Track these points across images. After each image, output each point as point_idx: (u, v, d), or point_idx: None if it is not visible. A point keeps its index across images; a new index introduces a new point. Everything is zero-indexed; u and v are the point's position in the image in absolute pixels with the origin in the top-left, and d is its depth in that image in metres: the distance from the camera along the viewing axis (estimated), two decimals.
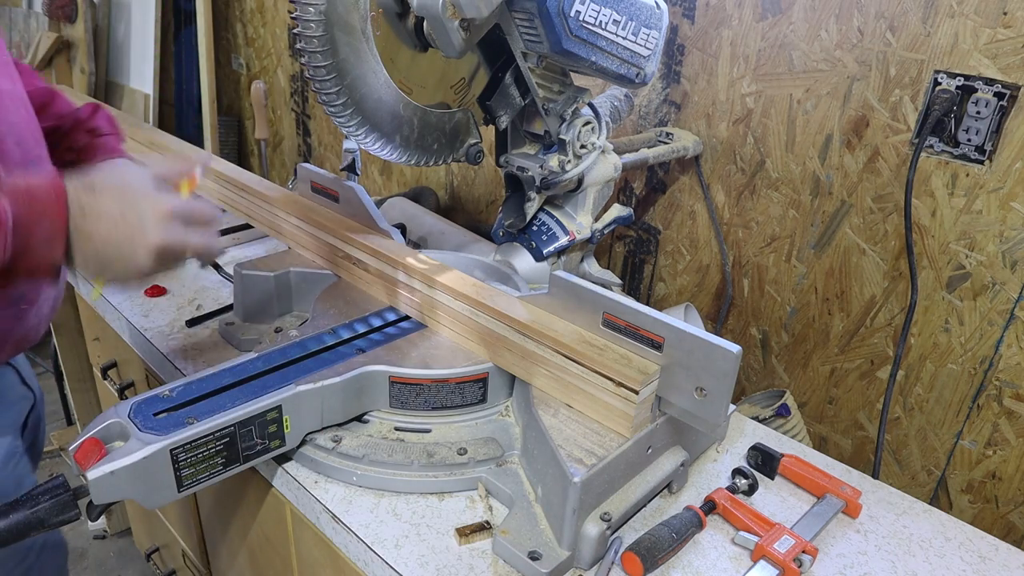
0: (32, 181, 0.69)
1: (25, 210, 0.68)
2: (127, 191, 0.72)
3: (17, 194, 0.68)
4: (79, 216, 0.70)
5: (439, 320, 1.06)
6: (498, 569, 0.82)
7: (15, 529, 0.73)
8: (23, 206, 0.68)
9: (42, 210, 0.69)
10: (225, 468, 0.87)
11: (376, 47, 0.96)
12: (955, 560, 0.89)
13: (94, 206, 0.71)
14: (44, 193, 0.69)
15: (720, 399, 0.83)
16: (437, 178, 2.04)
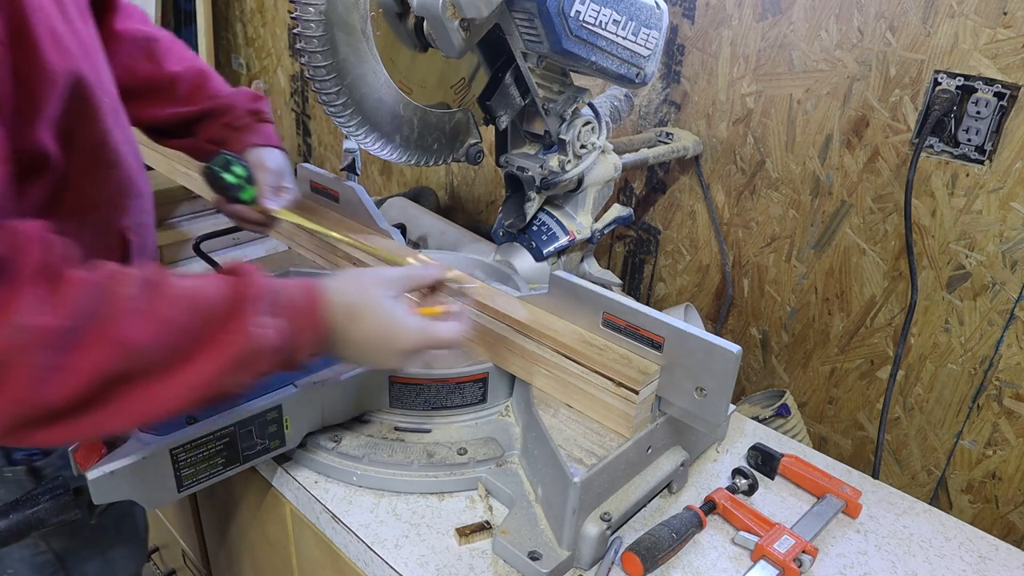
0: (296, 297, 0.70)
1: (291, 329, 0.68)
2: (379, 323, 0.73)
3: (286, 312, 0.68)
4: (335, 337, 0.72)
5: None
6: (498, 569, 0.82)
7: (15, 529, 0.73)
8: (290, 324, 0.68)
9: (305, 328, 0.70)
10: (225, 468, 0.87)
11: (376, 47, 0.96)
12: (955, 560, 0.89)
13: (349, 332, 0.72)
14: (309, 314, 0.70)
15: (720, 399, 0.83)
16: (437, 178, 2.04)
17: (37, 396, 0.55)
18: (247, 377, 0.66)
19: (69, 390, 0.56)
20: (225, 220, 1.56)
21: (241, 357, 0.64)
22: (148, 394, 0.60)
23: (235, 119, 1.10)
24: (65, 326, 0.56)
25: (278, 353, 0.67)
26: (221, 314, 0.64)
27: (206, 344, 0.62)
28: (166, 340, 0.61)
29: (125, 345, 0.58)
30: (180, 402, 0.62)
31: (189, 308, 0.62)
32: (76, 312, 0.57)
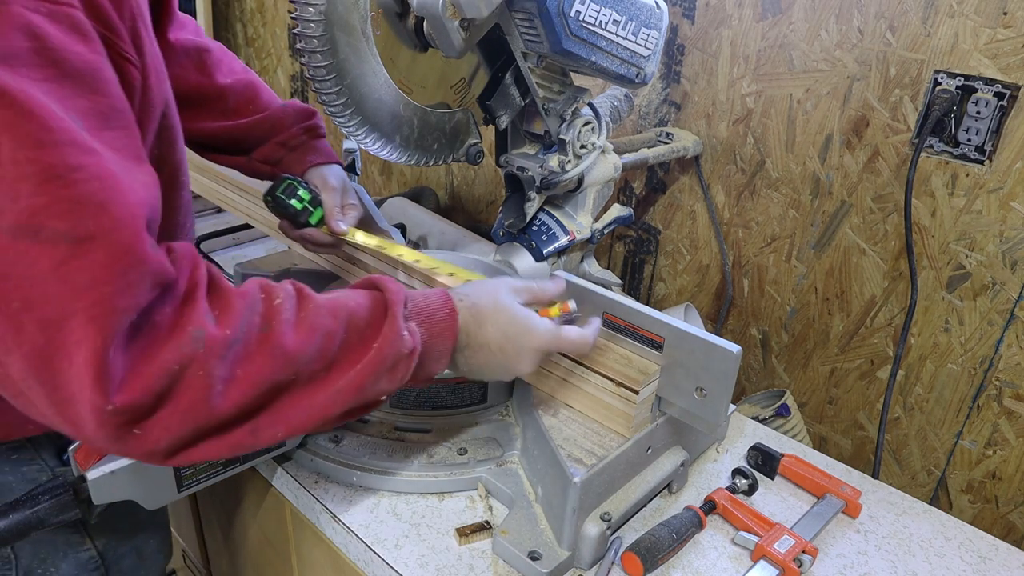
0: (431, 302, 0.71)
1: (427, 334, 0.70)
2: (509, 323, 0.74)
3: (422, 317, 0.70)
4: (463, 342, 0.73)
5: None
6: (498, 569, 0.82)
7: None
8: (426, 329, 0.70)
9: (438, 333, 0.71)
10: (225, 468, 0.87)
11: (376, 47, 0.96)
12: (955, 560, 0.89)
13: (478, 335, 0.73)
14: (441, 316, 0.71)
15: (720, 399, 0.83)
16: (437, 178, 2.04)
17: (210, 406, 0.57)
18: (391, 383, 0.67)
19: (237, 399, 0.58)
20: (226, 220, 1.57)
21: (386, 361, 0.65)
22: (304, 402, 0.62)
23: (290, 138, 1.09)
24: (233, 336, 0.58)
25: (417, 357, 0.68)
26: (365, 322, 0.66)
27: (354, 350, 0.65)
28: (319, 348, 0.62)
29: (285, 353, 0.60)
30: (332, 409, 0.64)
31: (336, 317, 0.64)
32: (240, 323, 0.59)
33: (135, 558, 0.97)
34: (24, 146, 0.49)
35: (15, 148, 0.49)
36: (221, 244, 1.47)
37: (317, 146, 1.11)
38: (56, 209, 0.50)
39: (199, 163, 1.51)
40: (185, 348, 0.55)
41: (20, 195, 0.49)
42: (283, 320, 0.61)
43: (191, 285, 0.58)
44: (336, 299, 0.66)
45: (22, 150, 0.49)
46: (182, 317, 0.56)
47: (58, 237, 0.50)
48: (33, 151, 0.49)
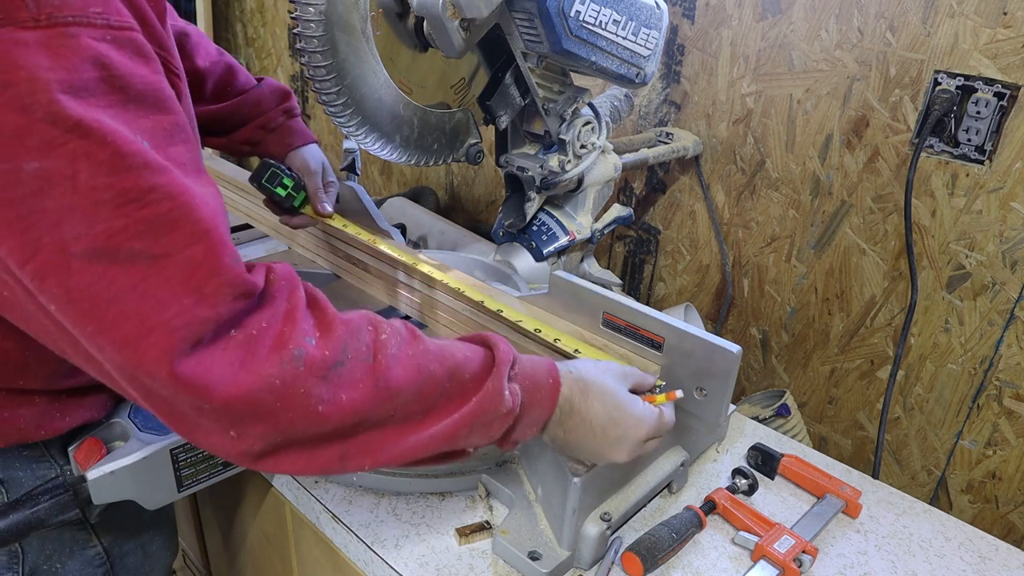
0: (537, 370, 0.71)
1: (527, 399, 0.69)
2: (616, 407, 0.73)
3: (526, 382, 0.69)
4: (566, 412, 0.72)
5: (439, 320, 1.06)
6: (498, 569, 0.82)
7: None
8: (528, 395, 0.69)
9: (540, 399, 0.70)
10: (225, 468, 0.87)
11: (376, 47, 0.96)
12: (955, 560, 0.89)
13: (583, 410, 0.72)
14: (544, 382, 0.71)
15: (720, 399, 0.83)
16: (437, 178, 2.04)
17: (308, 423, 0.58)
18: (483, 438, 0.67)
19: (336, 422, 0.59)
20: None
21: (484, 416, 0.65)
22: (396, 439, 0.63)
23: (269, 120, 1.13)
24: (333, 359, 0.58)
25: (512, 418, 0.68)
26: (471, 374, 0.66)
27: (454, 400, 0.65)
28: (420, 389, 0.63)
29: (388, 387, 0.61)
30: (422, 451, 0.64)
31: (443, 363, 0.65)
32: (343, 348, 0.59)
33: (140, 555, 0.97)
34: (99, 173, 0.51)
35: (91, 176, 0.50)
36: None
37: (295, 127, 1.15)
38: (133, 230, 0.52)
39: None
40: (287, 365, 0.56)
41: (97, 220, 0.51)
42: (389, 355, 0.62)
43: (291, 305, 0.59)
44: (445, 347, 0.67)
45: (98, 177, 0.51)
46: (282, 335, 0.57)
47: (136, 256, 0.52)
48: (108, 177, 0.51)
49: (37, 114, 0.49)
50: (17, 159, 0.49)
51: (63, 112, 0.50)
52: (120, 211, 0.51)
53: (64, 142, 0.50)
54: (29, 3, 0.49)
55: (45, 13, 0.49)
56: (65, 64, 0.50)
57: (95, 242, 0.51)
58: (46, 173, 0.50)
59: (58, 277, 0.51)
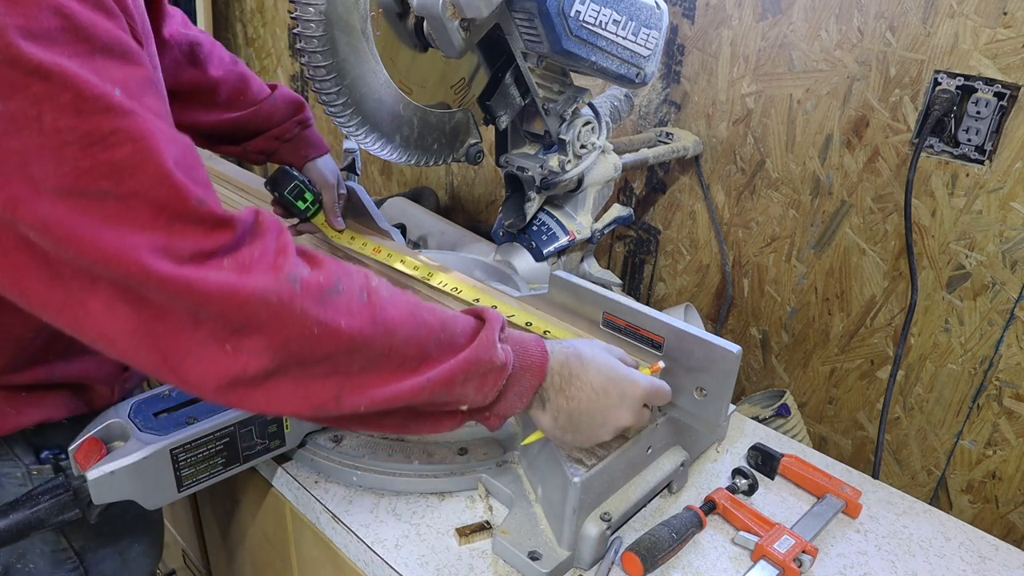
0: (525, 337, 0.73)
1: (517, 363, 0.71)
2: (611, 368, 0.75)
3: (516, 346, 0.71)
4: (566, 378, 0.73)
5: None
6: (498, 569, 0.82)
7: (15, 529, 0.73)
8: (518, 358, 0.71)
9: (529, 364, 0.72)
10: (225, 468, 0.87)
11: (376, 47, 0.96)
12: (955, 560, 0.89)
13: (581, 375, 0.73)
14: (533, 350, 0.72)
15: (720, 399, 0.83)
16: (437, 178, 2.04)
17: (300, 344, 0.58)
18: (477, 392, 0.68)
19: (330, 347, 0.60)
20: None
21: (479, 365, 0.67)
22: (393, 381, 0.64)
23: (284, 132, 1.15)
24: (328, 286, 0.60)
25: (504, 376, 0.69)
26: (462, 329, 0.68)
27: (448, 349, 0.66)
28: (415, 333, 0.64)
29: (384, 322, 0.62)
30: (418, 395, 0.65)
31: (436, 315, 0.67)
32: (336, 280, 0.61)
33: (118, 561, 0.97)
34: (63, 115, 0.52)
35: (55, 118, 0.52)
36: None
37: (310, 138, 1.18)
38: (98, 172, 0.54)
39: None
40: (283, 283, 0.57)
41: (64, 160, 0.53)
42: (384, 297, 0.64)
43: (281, 243, 0.61)
44: (443, 309, 0.69)
45: (62, 119, 0.52)
46: (277, 262, 0.58)
47: (104, 195, 0.54)
48: (72, 119, 0.52)
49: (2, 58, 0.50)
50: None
51: (23, 55, 0.51)
52: (85, 152, 0.53)
53: (25, 84, 0.51)
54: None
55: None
56: (23, 12, 0.51)
57: (64, 181, 0.53)
58: (10, 114, 0.51)
59: (30, 207, 0.53)
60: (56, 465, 0.85)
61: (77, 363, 0.82)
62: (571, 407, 0.74)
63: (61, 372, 0.81)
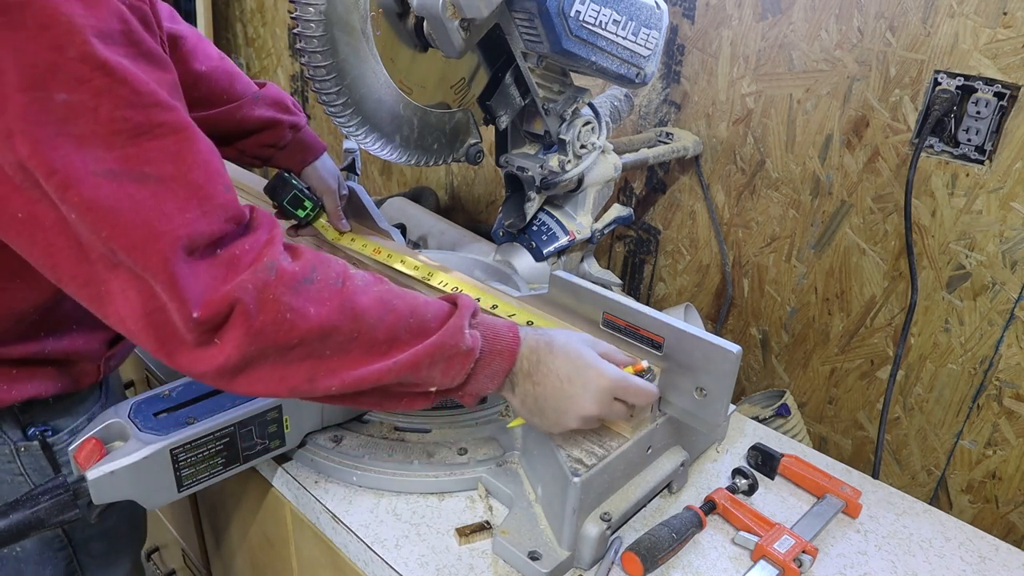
0: (498, 323, 0.77)
1: (487, 347, 0.75)
2: (580, 357, 0.77)
3: (486, 331, 0.75)
4: (533, 364, 0.77)
5: None
6: (498, 569, 0.82)
7: (15, 529, 0.73)
8: (488, 342, 0.75)
9: (500, 349, 0.76)
10: (225, 468, 0.87)
11: (376, 47, 0.96)
12: (955, 560, 0.89)
13: (548, 362, 0.77)
14: (505, 335, 0.76)
15: (720, 399, 0.83)
16: (437, 178, 2.04)
17: (276, 331, 0.65)
18: (444, 375, 0.73)
19: (303, 332, 0.65)
20: None
21: (445, 350, 0.71)
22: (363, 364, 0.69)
23: (278, 139, 1.14)
24: (303, 275, 0.66)
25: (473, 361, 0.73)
26: (433, 314, 0.73)
27: (417, 334, 0.71)
28: (384, 319, 0.69)
29: (354, 309, 0.68)
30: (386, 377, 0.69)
31: (406, 301, 0.72)
32: (312, 269, 0.67)
33: (105, 542, 1.00)
34: (119, 107, 0.60)
35: (112, 108, 0.60)
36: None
37: (305, 141, 1.15)
38: (144, 157, 0.61)
39: None
40: (260, 273, 0.64)
41: (114, 147, 0.60)
42: (357, 285, 0.70)
43: (271, 236, 0.67)
44: (409, 292, 0.74)
45: (118, 110, 0.60)
46: (260, 254, 0.65)
47: (147, 178, 0.61)
48: (125, 111, 0.60)
49: (70, 53, 0.58)
50: (49, 89, 0.58)
51: (94, 53, 0.58)
52: (133, 141, 0.61)
53: (91, 78, 0.59)
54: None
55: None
56: (96, 14, 0.59)
57: (113, 164, 0.60)
58: (72, 103, 0.59)
59: (79, 189, 0.59)
60: (43, 442, 0.88)
61: (67, 339, 0.86)
62: (537, 392, 0.77)
63: (51, 348, 0.84)
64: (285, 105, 1.15)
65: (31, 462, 0.89)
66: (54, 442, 0.90)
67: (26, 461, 0.89)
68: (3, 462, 0.87)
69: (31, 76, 0.58)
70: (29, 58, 0.57)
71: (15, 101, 0.58)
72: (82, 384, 0.91)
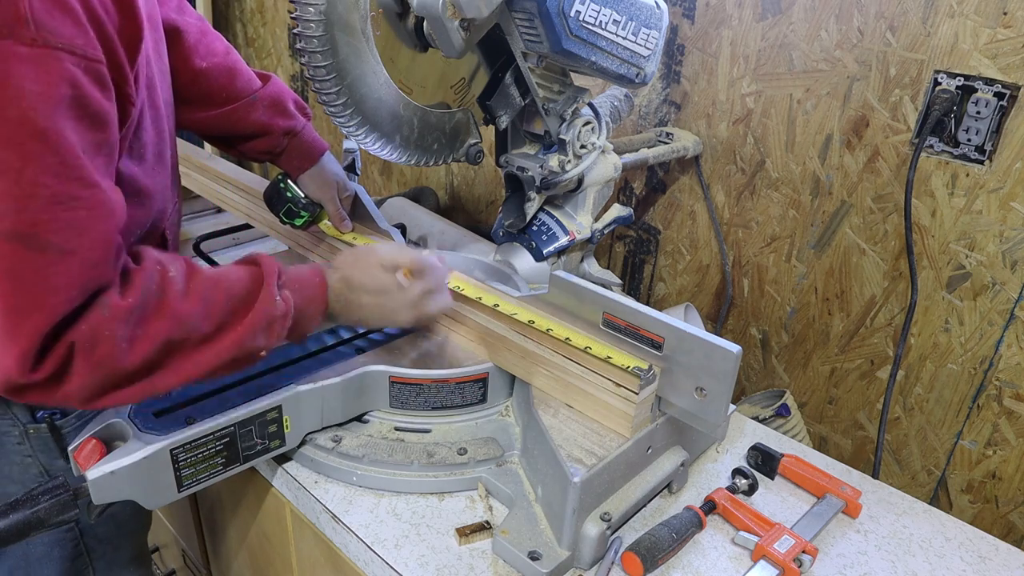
0: (303, 274, 0.85)
1: (299, 299, 0.82)
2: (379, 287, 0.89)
3: (294, 286, 0.83)
4: (342, 303, 0.87)
5: (439, 320, 1.06)
6: (498, 569, 0.82)
7: (15, 529, 0.73)
8: (298, 296, 0.82)
9: (310, 298, 0.84)
10: (225, 468, 0.87)
11: (376, 47, 0.96)
12: (955, 560, 0.89)
13: (354, 299, 0.88)
14: (311, 284, 0.85)
15: (720, 399, 0.83)
16: (437, 178, 2.04)
17: (117, 361, 0.69)
18: (268, 340, 0.79)
19: (140, 355, 0.71)
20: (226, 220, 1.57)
21: (261, 322, 0.78)
22: (194, 358, 0.75)
23: (272, 145, 1.13)
24: (134, 304, 0.70)
25: (291, 319, 0.81)
26: (245, 290, 0.78)
27: (235, 314, 0.77)
28: (206, 313, 0.75)
29: (176, 315, 0.73)
30: (216, 361, 0.76)
31: (219, 288, 0.77)
32: (141, 293, 0.71)
33: (112, 525, 1.02)
34: (44, 173, 0.62)
35: (36, 173, 0.62)
36: (221, 244, 1.46)
37: (302, 146, 1.15)
38: (53, 226, 0.64)
39: (199, 163, 1.51)
40: (93, 317, 0.68)
41: (27, 209, 0.62)
42: (175, 290, 0.74)
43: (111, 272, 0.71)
44: (219, 273, 0.80)
45: (42, 176, 0.62)
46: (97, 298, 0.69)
47: (49, 247, 0.64)
48: (50, 178, 0.63)
49: (10, 114, 0.60)
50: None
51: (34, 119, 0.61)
52: (47, 208, 0.63)
53: (23, 142, 0.61)
54: (31, 26, 0.60)
55: (41, 36, 0.61)
56: (47, 80, 0.61)
57: (19, 226, 0.62)
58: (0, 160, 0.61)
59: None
60: (51, 424, 0.91)
61: None
62: (356, 317, 0.90)
63: None
64: (283, 107, 1.13)
65: (40, 444, 0.92)
66: (62, 424, 0.93)
67: (35, 443, 0.92)
68: (12, 443, 0.90)
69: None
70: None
71: None
72: None
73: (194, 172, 1.53)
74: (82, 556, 1.02)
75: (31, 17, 0.61)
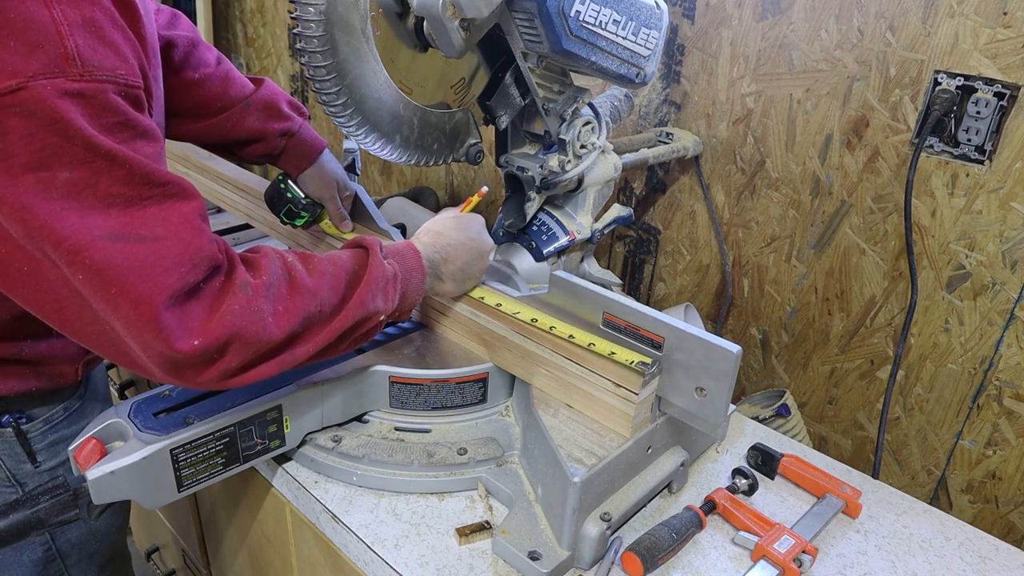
0: (400, 247, 0.93)
1: (402, 268, 0.89)
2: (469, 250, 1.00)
3: (396, 256, 0.90)
4: (439, 259, 0.96)
5: (439, 320, 1.06)
6: (498, 569, 0.82)
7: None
8: (400, 264, 0.89)
9: (411, 266, 0.91)
10: (225, 468, 0.87)
11: (376, 47, 0.96)
12: (955, 560, 0.89)
13: (447, 247, 0.98)
14: (407, 254, 0.92)
15: (720, 399, 0.83)
16: (437, 178, 2.04)
17: (266, 335, 0.74)
18: (385, 302, 0.86)
19: (286, 329, 0.76)
20: (226, 220, 1.57)
21: (378, 283, 0.85)
22: (328, 326, 0.81)
23: (269, 148, 1.14)
24: (268, 282, 0.77)
25: (400, 283, 0.88)
26: (356, 263, 0.86)
27: (353, 283, 0.84)
28: (330, 285, 0.82)
29: (308, 290, 0.79)
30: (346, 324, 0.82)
31: (335, 264, 0.84)
32: (270, 274, 0.77)
33: (84, 530, 1.02)
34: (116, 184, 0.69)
35: (110, 185, 0.68)
36: None
37: (300, 146, 1.15)
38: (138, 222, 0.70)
39: (199, 163, 1.51)
40: (239, 295, 0.73)
41: (111, 215, 0.68)
42: (299, 270, 0.81)
43: (229, 260, 0.76)
44: (330, 254, 0.86)
45: (115, 187, 0.68)
46: (231, 280, 0.74)
47: (143, 239, 0.69)
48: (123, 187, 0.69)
49: (77, 141, 0.66)
50: (54, 169, 0.66)
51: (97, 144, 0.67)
52: (126, 210, 0.69)
53: (92, 160, 0.67)
54: (77, 62, 0.66)
55: (88, 71, 0.67)
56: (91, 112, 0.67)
57: (112, 229, 0.68)
58: (74, 181, 0.67)
59: (88, 252, 0.67)
60: (17, 429, 0.93)
61: (43, 344, 0.91)
62: (455, 269, 0.98)
63: (29, 350, 0.90)
64: (276, 109, 1.14)
65: (5, 448, 0.92)
66: (28, 429, 0.93)
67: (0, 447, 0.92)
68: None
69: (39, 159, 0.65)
70: (37, 144, 0.65)
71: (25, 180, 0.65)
72: (60, 383, 0.95)
73: (194, 172, 1.53)
74: (55, 561, 1.01)
75: (76, 55, 0.66)
